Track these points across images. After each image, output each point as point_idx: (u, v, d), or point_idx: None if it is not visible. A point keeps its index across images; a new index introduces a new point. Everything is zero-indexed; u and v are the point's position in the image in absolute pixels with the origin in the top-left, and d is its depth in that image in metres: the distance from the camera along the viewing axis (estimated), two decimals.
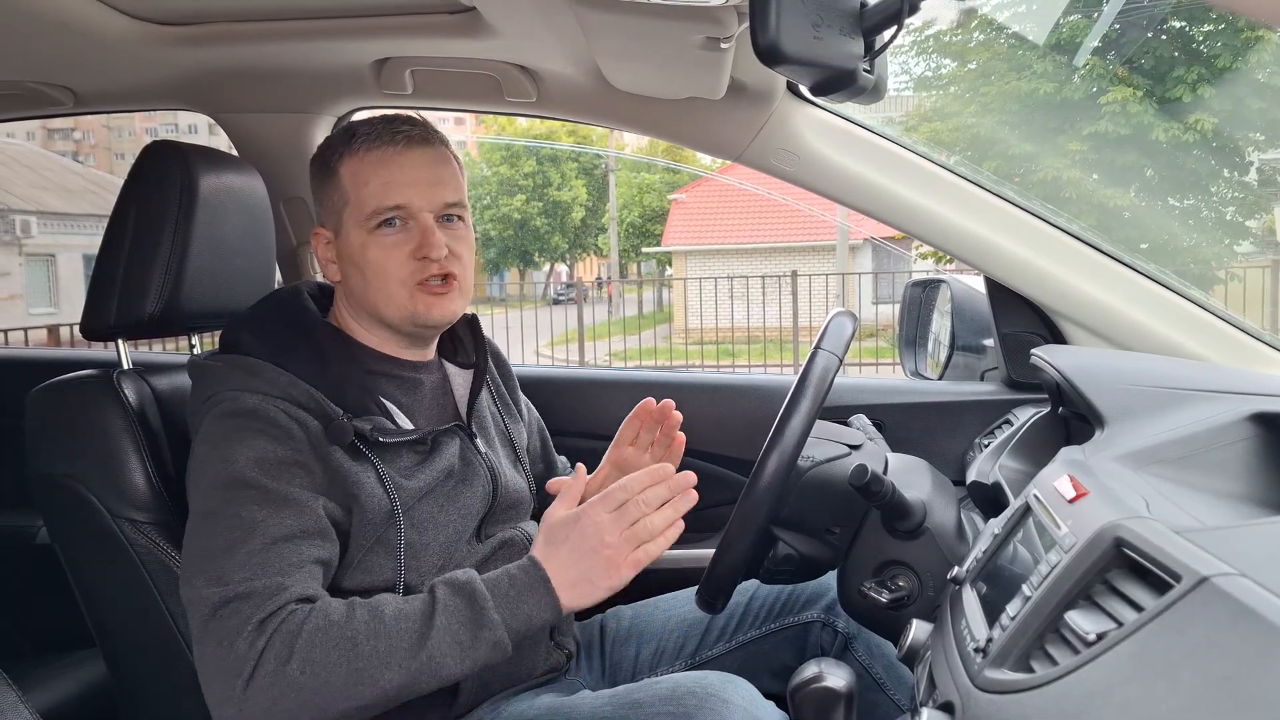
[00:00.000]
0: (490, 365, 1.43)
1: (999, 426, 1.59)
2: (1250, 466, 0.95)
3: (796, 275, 11.32)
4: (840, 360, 1.21)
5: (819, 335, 1.23)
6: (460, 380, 1.39)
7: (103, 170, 34.43)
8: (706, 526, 1.89)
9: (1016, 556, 0.92)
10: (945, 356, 1.93)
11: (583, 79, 1.62)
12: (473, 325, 1.42)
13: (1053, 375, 1.25)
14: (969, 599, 0.93)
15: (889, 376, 6.74)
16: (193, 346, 1.53)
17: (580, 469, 1.20)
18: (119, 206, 1.35)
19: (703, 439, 1.86)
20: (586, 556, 1.08)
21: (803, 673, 0.99)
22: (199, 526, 1.11)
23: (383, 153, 1.24)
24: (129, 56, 1.61)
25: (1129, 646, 0.63)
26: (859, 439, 1.32)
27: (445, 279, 1.25)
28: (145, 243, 1.33)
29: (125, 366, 1.38)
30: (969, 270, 1.81)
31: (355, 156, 1.24)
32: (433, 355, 1.36)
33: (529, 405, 1.56)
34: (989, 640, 0.80)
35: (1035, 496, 0.93)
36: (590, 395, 1.91)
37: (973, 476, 1.39)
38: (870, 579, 1.22)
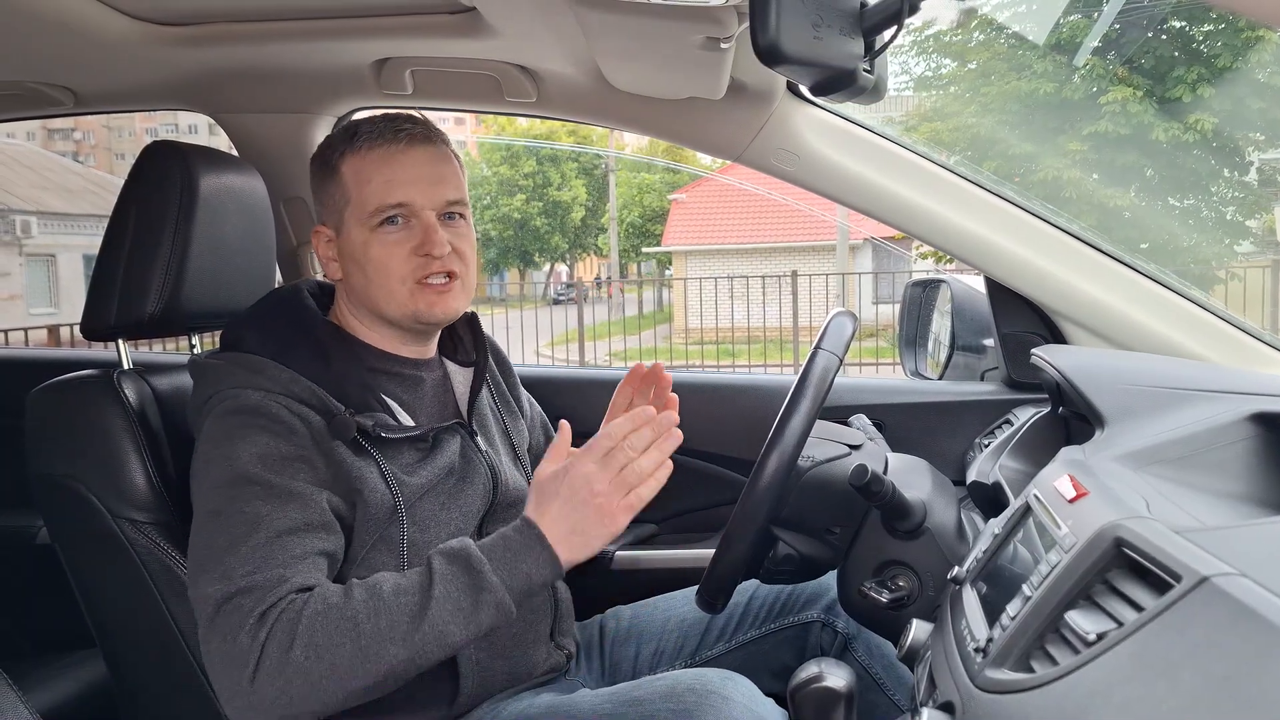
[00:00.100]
0: (491, 363, 1.43)
1: (999, 426, 1.59)
2: (1250, 466, 0.95)
3: (796, 275, 11.33)
4: (840, 360, 1.21)
5: (819, 335, 1.23)
6: (461, 378, 1.39)
7: (103, 170, 34.44)
8: (706, 526, 1.89)
9: (1016, 556, 0.92)
10: (945, 356, 1.93)
11: (583, 79, 1.62)
12: (472, 323, 1.42)
13: (1053, 375, 1.25)
14: (969, 599, 0.93)
15: (889, 376, 6.75)
16: (193, 346, 1.53)
17: (564, 425, 1.19)
18: (119, 207, 1.36)
19: (703, 439, 1.86)
20: (579, 508, 1.07)
21: (803, 673, 0.99)
22: (204, 525, 1.11)
23: (385, 151, 1.24)
24: (129, 56, 1.61)
25: (1129, 646, 0.63)
26: (859, 439, 1.32)
27: (448, 276, 1.26)
28: (145, 243, 1.33)
29: (125, 366, 1.38)
30: (969, 270, 1.81)
31: (358, 154, 1.25)
32: (433, 353, 1.36)
33: (531, 400, 1.56)
34: (989, 640, 0.80)
35: (1035, 496, 0.93)
36: (590, 395, 1.91)
37: (973, 476, 1.39)
38: (870, 579, 1.22)
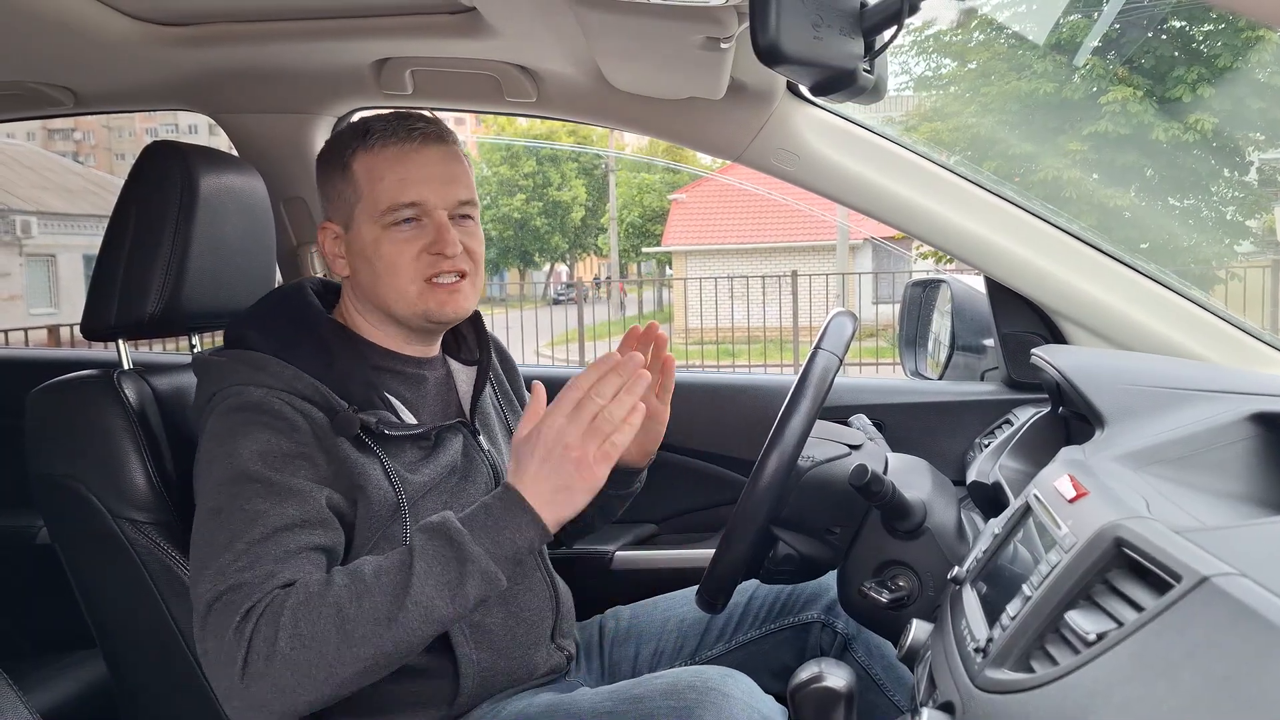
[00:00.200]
0: (494, 362, 1.43)
1: (999, 426, 1.59)
2: (1250, 466, 0.95)
3: (796, 275, 11.33)
4: (840, 360, 1.21)
5: (819, 335, 1.23)
6: (464, 377, 1.39)
7: (103, 170, 34.44)
8: (706, 526, 1.89)
9: (1017, 556, 0.92)
10: (945, 356, 1.93)
11: (583, 79, 1.62)
12: (476, 322, 1.42)
13: (1053, 375, 1.25)
14: (969, 599, 0.93)
15: (889, 376, 6.74)
16: (193, 347, 1.53)
17: (538, 385, 1.15)
18: (119, 207, 1.36)
19: (703, 439, 1.86)
20: (556, 465, 1.05)
21: (802, 673, 0.99)
22: (205, 522, 1.11)
23: (399, 149, 1.24)
24: (129, 57, 1.61)
25: (1129, 646, 0.63)
26: (859, 439, 1.32)
27: (458, 276, 1.26)
28: (146, 243, 1.33)
29: (126, 367, 1.38)
30: (969, 270, 1.81)
31: (370, 152, 1.24)
32: (437, 352, 1.36)
33: None
34: (989, 640, 0.80)
35: (1035, 496, 0.93)
36: None
37: (973, 476, 1.39)
38: (870, 579, 1.21)
